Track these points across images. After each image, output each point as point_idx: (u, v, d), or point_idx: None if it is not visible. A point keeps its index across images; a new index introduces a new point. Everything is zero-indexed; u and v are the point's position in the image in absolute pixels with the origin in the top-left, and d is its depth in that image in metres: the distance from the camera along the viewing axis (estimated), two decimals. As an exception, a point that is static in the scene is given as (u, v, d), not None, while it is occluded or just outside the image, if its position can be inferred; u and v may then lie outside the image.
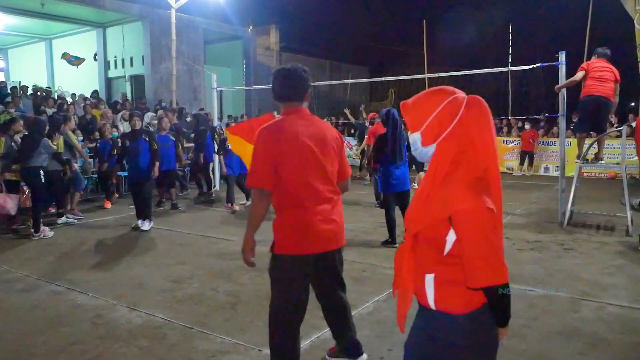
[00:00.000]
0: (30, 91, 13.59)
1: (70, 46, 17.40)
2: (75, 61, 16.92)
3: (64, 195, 7.60)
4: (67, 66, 17.31)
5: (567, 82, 6.73)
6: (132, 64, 16.77)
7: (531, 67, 7.15)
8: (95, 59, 17.43)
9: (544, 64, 7.08)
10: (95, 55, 17.39)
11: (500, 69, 8.41)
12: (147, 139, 7.02)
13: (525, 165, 13.65)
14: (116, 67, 17.21)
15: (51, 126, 7.04)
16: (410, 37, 20.67)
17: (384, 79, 11.65)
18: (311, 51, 22.94)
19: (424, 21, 17.19)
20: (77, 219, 7.61)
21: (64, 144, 7.47)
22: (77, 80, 16.80)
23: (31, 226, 6.60)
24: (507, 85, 15.63)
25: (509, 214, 7.77)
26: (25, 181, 6.88)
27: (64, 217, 7.42)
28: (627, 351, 3.21)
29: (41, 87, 14.82)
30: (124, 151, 7.26)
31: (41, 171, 6.63)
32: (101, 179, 9.34)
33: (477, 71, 8.68)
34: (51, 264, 5.35)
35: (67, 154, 7.57)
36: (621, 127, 7.97)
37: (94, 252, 5.90)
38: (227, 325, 3.65)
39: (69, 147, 7.76)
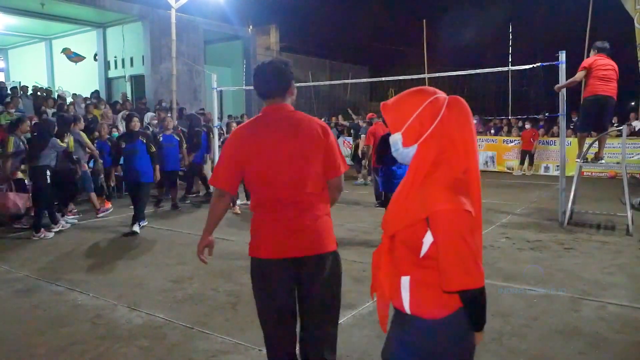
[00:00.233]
0: (30, 91, 13.60)
1: (70, 46, 17.38)
2: (74, 57, 16.86)
3: (76, 194, 7.63)
4: (67, 66, 17.30)
5: (567, 82, 6.71)
6: (132, 64, 16.77)
7: (531, 66, 7.13)
8: (95, 59, 17.44)
9: (544, 64, 7.07)
10: (95, 55, 17.39)
11: (500, 69, 8.39)
12: (144, 141, 6.85)
13: (525, 164, 13.66)
14: (116, 67, 17.21)
15: (62, 125, 7.07)
16: (410, 37, 20.71)
17: (384, 79, 11.61)
18: (311, 51, 22.97)
19: (424, 21, 17.23)
20: (76, 220, 7.59)
21: (74, 143, 7.52)
22: (77, 80, 16.80)
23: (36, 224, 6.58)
24: (507, 85, 15.65)
25: (509, 213, 7.78)
26: (31, 180, 6.87)
27: (63, 218, 7.37)
28: (628, 350, 3.21)
29: (41, 87, 14.83)
30: (118, 152, 7.11)
31: (48, 171, 6.65)
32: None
33: (477, 71, 8.66)
34: (51, 264, 5.36)
35: (77, 154, 7.60)
36: (621, 127, 7.96)
37: (94, 252, 5.90)
38: (227, 325, 3.65)
39: (81, 147, 7.82)
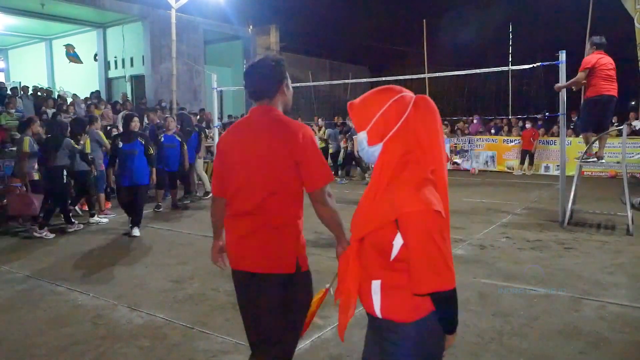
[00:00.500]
0: (30, 91, 13.60)
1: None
2: (72, 57, 16.86)
3: (94, 194, 7.68)
4: (67, 67, 17.31)
5: (569, 83, 6.70)
6: (132, 64, 16.79)
7: (531, 66, 7.13)
8: (95, 59, 17.44)
9: (544, 64, 7.07)
10: (95, 55, 17.40)
11: (500, 69, 8.39)
12: (142, 142, 6.68)
13: (525, 164, 13.65)
14: (116, 67, 17.23)
15: (76, 127, 7.12)
16: (410, 37, 20.74)
17: (384, 78, 11.57)
18: (311, 51, 22.98)
19: (424, 21, 17.22)
20: (107, 218, 7.70)
21: (92, 143, 7.58)
22: (78, 80, 16.82)
23: (43, 223, 6.63)
24: (507, 84, 15.66)
25: (510, 213, 7.78)
26: (47, 180, 6.81)
27: (95, 217, 7.51)
28: (628, 350, 3.21)
29: (42, 88, 14.83)
30: (115, 152, 6.89)
31: (64, 171, 6.67)
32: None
33: (477, 71, 8.66)
34: (52, 264, 5.36)
35: (95, 153, 7.65)
36: (621, 127, 7.95)
37: (94, 252, 5.90)
38: (227, 325, 3.64)
39: (100, 146, 7.90)
